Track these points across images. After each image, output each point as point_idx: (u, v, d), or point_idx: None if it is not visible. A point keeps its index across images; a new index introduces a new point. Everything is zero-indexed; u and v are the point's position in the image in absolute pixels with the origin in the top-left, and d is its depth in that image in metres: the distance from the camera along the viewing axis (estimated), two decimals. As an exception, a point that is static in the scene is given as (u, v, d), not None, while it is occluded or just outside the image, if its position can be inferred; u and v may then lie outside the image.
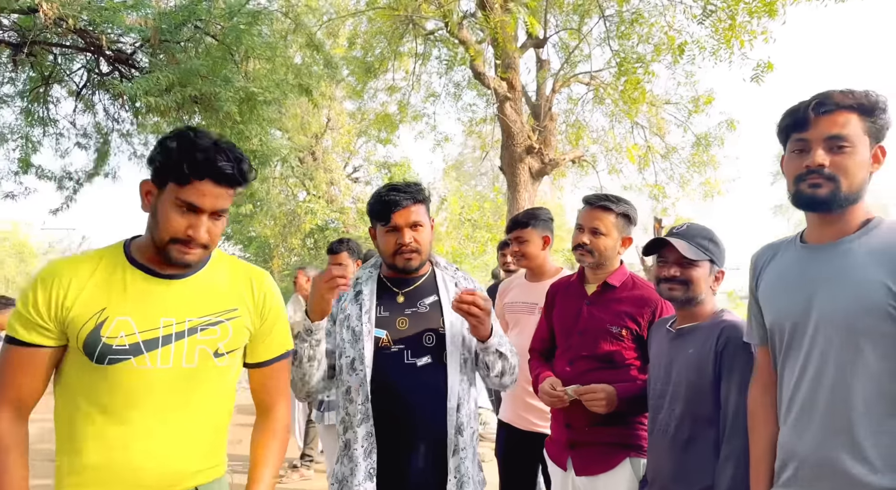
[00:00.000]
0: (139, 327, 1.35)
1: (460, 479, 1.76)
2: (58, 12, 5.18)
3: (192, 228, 1.34)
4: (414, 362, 1.79)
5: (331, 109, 13.81)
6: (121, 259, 1.40)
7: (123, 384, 1.34)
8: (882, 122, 1.31)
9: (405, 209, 1.81)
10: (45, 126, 6.94)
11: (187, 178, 1.32)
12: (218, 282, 1.47)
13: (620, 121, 9.85)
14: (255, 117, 5.56)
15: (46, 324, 1.33)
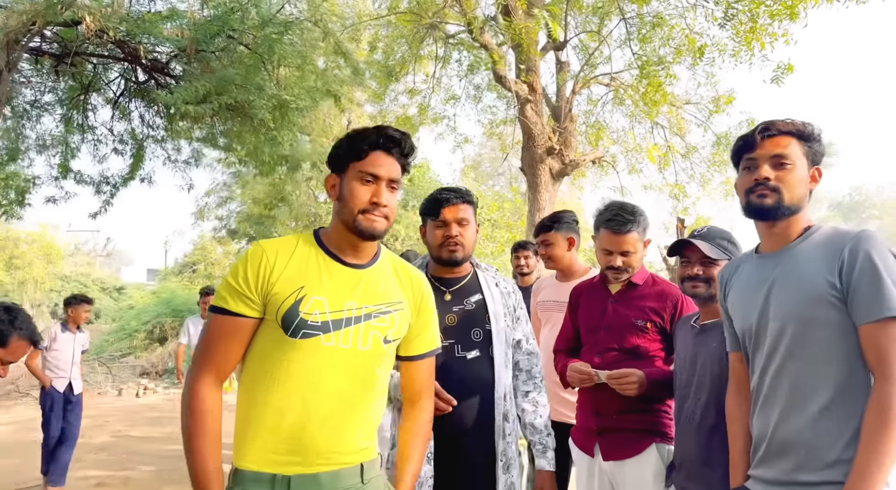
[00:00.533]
0: (330, 308, 1.46)
1: (507, 462, 1.92)
2: (99, 24, 5.42)
3: (376, 196, 1.47)
4: (464, 355, 1.94)
5: (352, 112, 14.02)
6: (314, 245, 1.53)
7: (310, 358, 1.44)
8: (817, 148, 1.55)
9: (454, 206, 1.99)
10: (84, 133, 7.22)
11: (365, 151, 1.49)
12: (388, 275, 1.60)
13: (640, 121, 9.93)
14: (287, 123, 5.77)
15: (252, 296, 1.44)
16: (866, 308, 1.34)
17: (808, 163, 1.54)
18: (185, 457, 1.41)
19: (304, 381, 1.45)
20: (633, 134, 9.89)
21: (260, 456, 1.43)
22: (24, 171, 7.06)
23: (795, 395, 1.44)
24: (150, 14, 6.06)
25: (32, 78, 6.69)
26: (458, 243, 1.98)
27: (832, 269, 1.39)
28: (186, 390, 1.44)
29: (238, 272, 1.46)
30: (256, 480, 1.42)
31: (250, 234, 16.49)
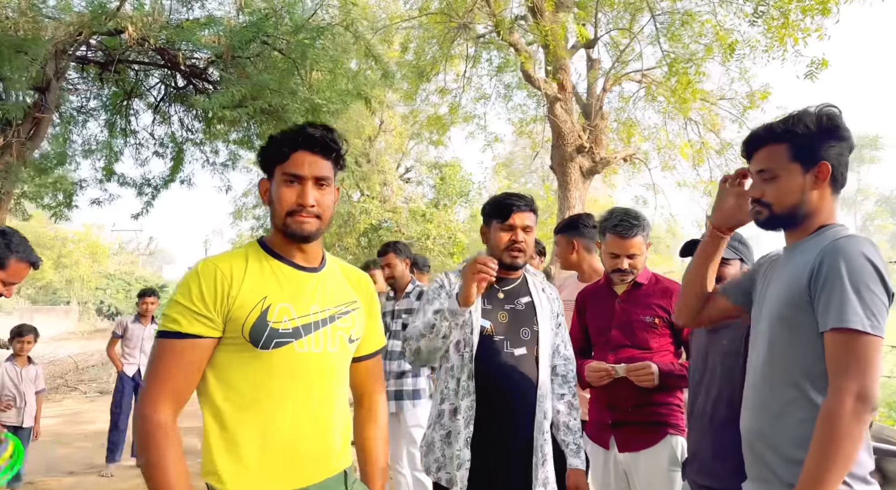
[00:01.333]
0: (297, 313, 1.43)
1: (543, 457, 2.02)
2: (141, 33, 5.65)
3: (300, 196, 1.43)
4: (512, 351, 2.04)
5: (384, 113, 14.19)
6: (262, 253, 1.48)
7: (286, 367, 1.40)
8: (806, 142, 1.44)
9: (523, 212, 2.07)
10: (127, 137, 7.51)
11: (286, 153, 1.44)
12: (338, 277, 1.60)
13: (673, 117, 9.84)
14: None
15: (211, 314, 1.36)
16: (823, 316, 1.33)
17: (801, 165, 1.46)
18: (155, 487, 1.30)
19: (286, 391, 1.41)
20: (666, 131, 9.80)
21: (254, 479, 1.37)
22: (71, 174, 7.37)
23: (763, 391, 1.47)
24: (189, 22, 6.28)
25: (79, 85, 6.99)
26: (521, 249, 2.08)
27: (808, 274, 1.38)
28: (145, 422, 1.33)
29: (191, 292, 1.37)
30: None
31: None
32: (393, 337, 4.07)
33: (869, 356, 1.28)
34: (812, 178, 1.46)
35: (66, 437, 6.95)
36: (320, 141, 1.46)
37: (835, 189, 1.48)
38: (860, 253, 1.33)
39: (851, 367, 1.28)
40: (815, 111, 1.47)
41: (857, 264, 1.32)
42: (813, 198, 1.47)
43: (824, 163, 1.44)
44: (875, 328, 1.29)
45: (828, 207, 1.48)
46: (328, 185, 1.48)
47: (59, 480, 5.26)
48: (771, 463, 1.42)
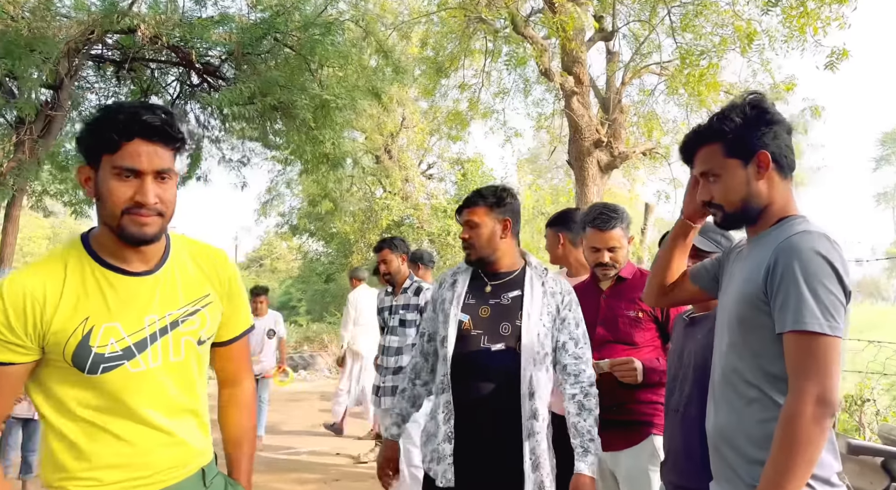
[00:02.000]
0: (127, 331, 1.28)
1: (536, 461, 1.93)
2: (154, 31, 5.73)
3: (139, 193, 1.22)
4: (489, 347, 1.99)
5: (405, 109, 14.19)
6: (87, 259, 1.29)
7: (120, 388, 1.28)
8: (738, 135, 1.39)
9: (466, 208, 2.11)
10: (145, 135, 7.66)
11: (116, 143, 1.21)
12: (186, 270, 1.41)
13: (695, 110, 9.62)
14: (329, 122, 5.94)
15: (22, 341, 1.22)
16: (780, 318, 1.27)
17: (740, 160, 1.40)
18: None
19: (122, 414, 1.29)
20: (686, 124, 9.58)
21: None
22: (91, 171, 7.53)
23: (725, 390, 1.42)
24: (201, 20, 6.35)
25: (97, 84, 7.13)
26: (467, 245, 2.10)
27: (763, 274, 1.32)
28: None
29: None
30: None
31: (310, 229, 17.00)
32: (391, 333, 4.05)
33: (828, 358, 1.22)
34: (754, 170, 1.40)
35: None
36: (160, 129, 1.23)
37: (783, 174, 1.41)
38: (814, 251, 1.26)
39: (811, 369, 1.22)
40: (740, 102, 1.43)
41: (813, 263, 1.25)
42: (761, 189, 1.40)
43: (762, 152, 1.38)
44: (833, 329, 1.23)
45: (781, 196, 1.41)
46: (170, 177, 1.27)
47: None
48: (733, 463, 1.38)
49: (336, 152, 6.14)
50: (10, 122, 5.57)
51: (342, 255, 16.48)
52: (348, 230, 15.09)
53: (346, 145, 6.68)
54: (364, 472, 5.46)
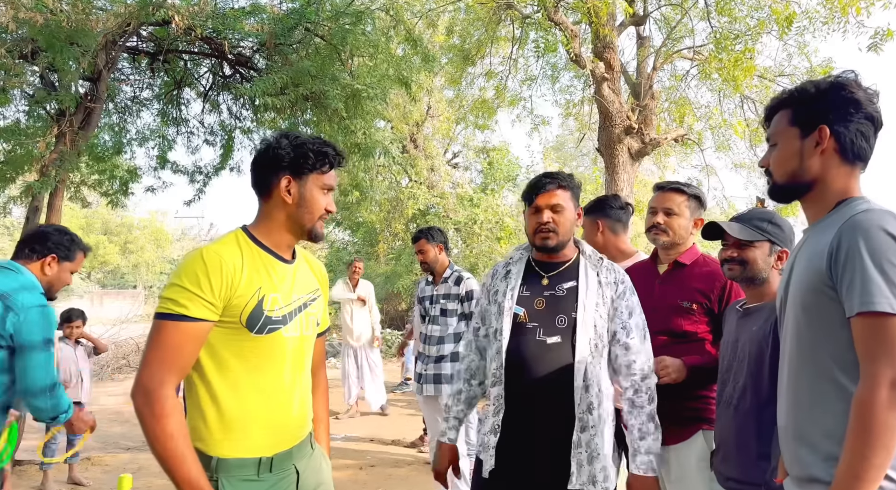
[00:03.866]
0: (284, 302, 1.62)
1: (591, 454, 1.88)
2: (187, 22, 5.77)
3: (330, 204, 1.68)
4: (544, 340, 1.95)
5: (431, 97, 14.14)
6: (252, 245, 1.63)
7: (275, 348, 1.59)
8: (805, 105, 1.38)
9: (548, 192, 2.00)
10: (178, 126, 7.73)
11: (326, 168, 1.66)
12: (305, 268, 1.79)
13: (728, 95, 9.43)
14: (360, 112, 5.93)
15: (216, 301, 1.50)
16: (848, 301, 1.24)
17: (799, 129, 1.39)
18: (166, 461, 1.43)
19: (274, 370, 1.60)
20: (720, 109, 9.41)
21: (244, 443, 1.54)
22: (126, 162, 7.65)
23: (795, 385, 1.38)
24: (234, 10, 6.39)
25: (132, 76, 7.22)
26: (549, 230, 1.99)
27: (827, 257, 1.28)
28: (152, 399, 1.44)
29: (199, 279, 1.49)
30: (242, 466, 1.53)
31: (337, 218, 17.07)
32: (432, 322, 4.07)
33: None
34: (812, 143, 1.37)
35: (125, 415, 7.28)
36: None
37: (845, 158, 1.37)
38: (880, 228, 1.22)
39: (882, 352, 1.18)
40: (832, 77, 1.39)
41: (879, 241, 1.21)
42: (813, 165, 1.37)
43: (823, 126, 1.35)
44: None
45: (841, 179, 1.37)
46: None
47: (114, 456, 5.52)
48: (807, 461, 1.33)
49: (367, 142, 6.14)
50: (51, 113, 5.67)
51: (368, 243, 16.54)
52: (374, 219, 15.11)
53: (377, 135, 6.67)
54: (400, 459, 5.51)
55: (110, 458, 5.45)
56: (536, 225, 2.01)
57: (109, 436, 6.23)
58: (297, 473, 1.64)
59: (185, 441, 1.46)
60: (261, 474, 1.55)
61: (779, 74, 9.17)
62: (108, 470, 5.11)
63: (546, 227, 1.99)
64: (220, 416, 1.54)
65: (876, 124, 1.36)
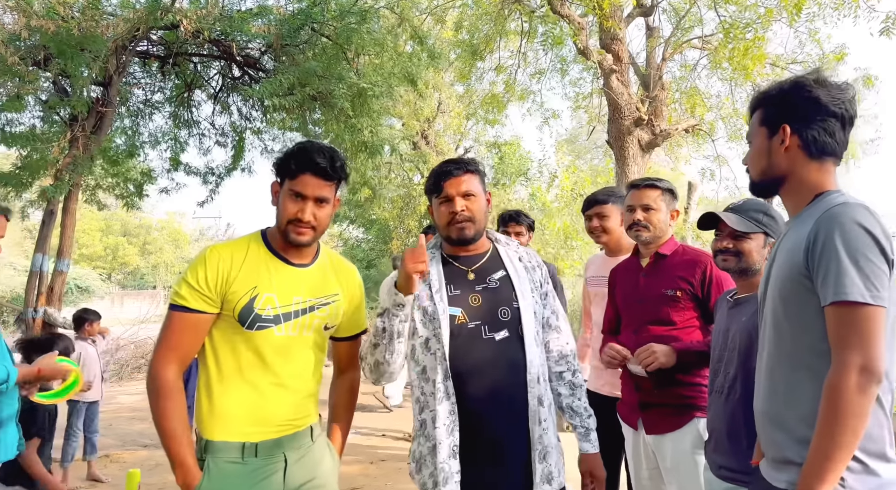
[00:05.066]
0: (279, 303, 1.69)
1: (543, 450, 1.76)
2: (196, 25, 5.85)
3: (300, 211, 1.67)
4: (493, 337, 1.78)
5: (441, 93, 14.15)
6: (263, 248, 1.75)
7: (263, 346, 1.68)
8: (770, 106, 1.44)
9: (456, 178, 1.82)
10: (190, 128, 7.84)
11: (294, 173, 1.68)
12: (327, 272, 1.83)
13: (740, 84, 9.33)
14: (366, 110, 5.98)
15: (211, 295, 1.65)
16: (822, 291, 1.27)
17: (767, 129, 1.44)
18: (162, 437, 1.61)
19: (262, 365, 1.69)
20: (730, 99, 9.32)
21: (228, 428, 1.65)
22: (140, 165, 7.77)
23: (773, 372, 1.41)
24: (241, 13, 6.46)
25: (143, 79, 7.33)
26: (465, 219, 1.82)
27: (804, 248, 1.32)
28: (155, 379, 1.62)
29: (198, 274, 1.64)
30: (226, 449, 1.65)
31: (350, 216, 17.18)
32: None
33: (871, 327, 1.22)
34: (777, 142, 1.43)
35: (143, 413, 7.42)
36: (325, 170, 1.67)
37: (810, 154, 1.40)
38: (855, 222, 1.26)
39: (853, 339, 1.22)
40: (794, 77, 1.44)
41: (853, 234, 1.25)
42: (781, 162, 1.43)
43: (784, 125, 1.41)
44: (876, 298, 1.22)
45: (813, 174, 1.41)
46: (327, 203, 1.72)
47: (132, 453, 5.64)
48: (782, 444, 1.37)
49: (374, 140, 6.19)
50: (65, 119, 5.78)
51: (382, 241, 16.62)
52: (387, 216, 15.17)
53: (384, 133, 6.71)
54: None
55: (128, 455, 5.57)
56: (450, 215, 1.82)
57: (128, 433, 6.36)
58: (286, 461, 1.70)
59: (180, 421, 1.61)
60: (245, 458, 1.65)
61: (791, 62, 9.07)
62: (125, 466, 5.22)
63: (461, 215, 1.81)
64: (210, 402, 1.67)
65: (843, 119, 1.39)
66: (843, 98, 1.39)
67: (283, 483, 1.69)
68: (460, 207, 1.82)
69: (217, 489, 1.62)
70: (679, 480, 2.19)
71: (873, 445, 1.26)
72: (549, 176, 14.35)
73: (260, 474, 1.67)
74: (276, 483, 1.68)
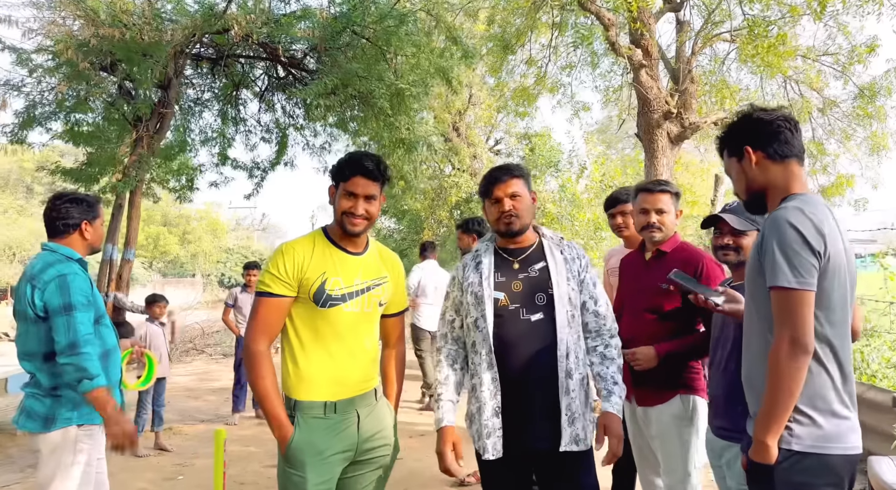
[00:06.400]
0: (344, 284, 2.03)
1: (571, 416, 2.04)
2: (245, 30, 6.26)
3: (353, 207, 2.01)
4: (528, 318, 2.09)
5: (472, 87, 14.38)
6: (326, 241, 2.08)
7: (335, 320, 2.01)
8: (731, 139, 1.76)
9: (504, 183, 2.15)
10: (237, 125, 8.31)
11: (347, 176, 2.03)
12: (377, 259, 2.18)
13: (771, 76, 9.41)
14: (404, 109, 6.33)
15: (290, 281, 1.98)
16: (766, 279, 1.58)
17: (735, 158, 1.75)
18: (258, 397, 1.97)
19: (336, 335, 2.03)
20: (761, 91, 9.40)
21: (312, 390, 1.99)
22: (191, 160, 8.25)
23: (748, 344, 1.73)
24: (286, 17, 6.85)
25: (194, 80, 7.79)
26: (511, 215, 2.13)
27: (757, 245, 1.63)
28: (249, 351, 1.98)
29: (279, 265, 1.99)
30: (311, 407, 1.98)
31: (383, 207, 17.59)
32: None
33: (799, 307, 1.51)
34: (747, 162, 1.72)
35: (197, 392, 7.96)
36: (372, 172, 2.04)
37: (772, 158, 1.69)
38: (787, 221, 1.55)
39: (785, 317, 1.53)
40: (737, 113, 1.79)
41: (784, 232, 1.55)
42: (757, 176, 1.72)
43: (746, 147, 1.71)
44: (802, 284, 1.51)
45: (781, 177, 1.69)
46: (375, 198, 2.06)
47: (192, 427, 6.13)
48: (753, 402, 1.69)
49: (411, 137, 6.54)
50: (129, 119, 6.25)
51: (413, 231, 16.96)
52: (419, 207, 15.50)
53: (420, 129, 7.05)
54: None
55: (188, 428, 6.07)
56: (499, 213, 2.15)
57: (185, 410, 6.87)
58: (358, 417, 2.04)
59: (272, 384, 1.96)
60: (326, 414, 1.99)
61: (823, 54, 9.12)
62: (187, 438, 5.71)
63: (508, 213, 2.13)
64: (296, 369, 2.00)
65: (788, 126, 1.69)
66: (779, 114, 1.71)
67: (357, 434, 2.03)
68: (508, 207, 2.14)
69: (307, 439, 1.95)
70: (664, 447, 2.48)
71: (820, 403, 1.56)
72: (579, 167, 14.50)
73: (340, 427, 2.00)
74: (352, 434, 2.02)
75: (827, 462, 1.54)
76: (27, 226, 22.82)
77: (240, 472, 4.60)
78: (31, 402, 2.43)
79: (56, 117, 6.17)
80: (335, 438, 1.99)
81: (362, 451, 2.06)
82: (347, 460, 2.04)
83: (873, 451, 3.63)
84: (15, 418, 2.49)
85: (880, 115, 9.29)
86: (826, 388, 1.56)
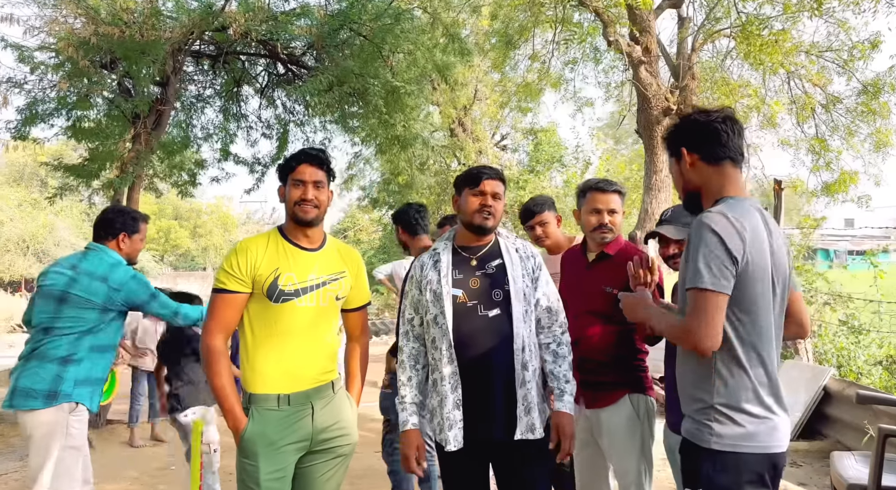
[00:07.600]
0: (298, 280, 2.09)
1: (527, 406, 2.13)
2: (244, 27, 6.33)
3: (303, 193, 2.08)
4: (486, 314, 2.17)
5: (478, 82, 14.41)
6: (280, 238, 2.15)
7: (289, 316, 2.07)
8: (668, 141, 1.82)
9: (493, 180, 2.22)
10: (238, 121, 8.39)
11: (294, 166, 2.11)
12: (334, 254, 2.23)
13: (772, 72, 9.37)
14: (400, 107, 6.37)
15: (244, 278, 2.04)
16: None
17: (675, 159, 1.79)
18: (214, 392, 2.04)
19: (288, 330, 2.09)
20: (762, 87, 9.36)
21: (266, 383, 2.06)
22: (193, 155, 8.36)
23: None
24: (285, 14, 6.91)
25: (195, 77, 7.88)
26: (491, 212, 2.20)
27: (686, 247, 1.67)
28: (204, 347, 2.04)
29: (233, 263, 2.06)
30: (265, 400, 2.05)
31: (390, 202, 17.67)
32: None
33: (710, 306, 1.56)
34: (685, 163, 1.76)
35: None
36: (316, 158, 2.13)
37: (706, 160, 1.73)
38: (707, 227, 1.59)
39: (694, 316, 1.58)
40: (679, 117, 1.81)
41: (704, 236, 1.59)
42: (692, 177, 1.77)
43: (682, 148, 1.76)
44: (716, 285, 1.56)
45: (715, 179, 1.73)
46: (323, 186, 2.14)
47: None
48: (685, 401, 1.75)
49: (406, 134, 6.58)
50: (128, 116, 6.35)
51: (420, 226, 17.03)
52: (425, 203, 15.58)
53: (416, 127, 7.10)
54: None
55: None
56: (480, 205, 2.19)
57: (185, 401, 7.01)
58: (313, 409, 2.10)
59: (227, 379, 2.03)
60: (280, 406, 2.05)
61: (826, 49, 9.06)
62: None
63: (489, 209, 2.19)
64: (251, 363, 2.08)
65: (727, 129, 1.71)
66: (720, 115, 1.72)
67: (312, 425, 2.10)
68: (490, 203, 2.21)
69: (260, 431, 2.03)
70: (616, 448, 2.45)
71: (741, 404, 1.60)
72: (583, 163, 14.49)
73: (293, 418, 2.07)
74: (306, 425, 2.09)
75: (745, 459, 1.58)
76: (41, 219, 23.16)
77: (230, 463, 4.69)
78: (29, 380, 2.58)
79: (58, 114, 6.28)
80: (288, 429, 2.06)
81: (318, 442, 2.12)
82: (302, 450, 2.10)
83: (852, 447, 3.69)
84: (7, 401, 2.59)
85: (884, 112, 9.23)
86: (747, 391, 1.61)
